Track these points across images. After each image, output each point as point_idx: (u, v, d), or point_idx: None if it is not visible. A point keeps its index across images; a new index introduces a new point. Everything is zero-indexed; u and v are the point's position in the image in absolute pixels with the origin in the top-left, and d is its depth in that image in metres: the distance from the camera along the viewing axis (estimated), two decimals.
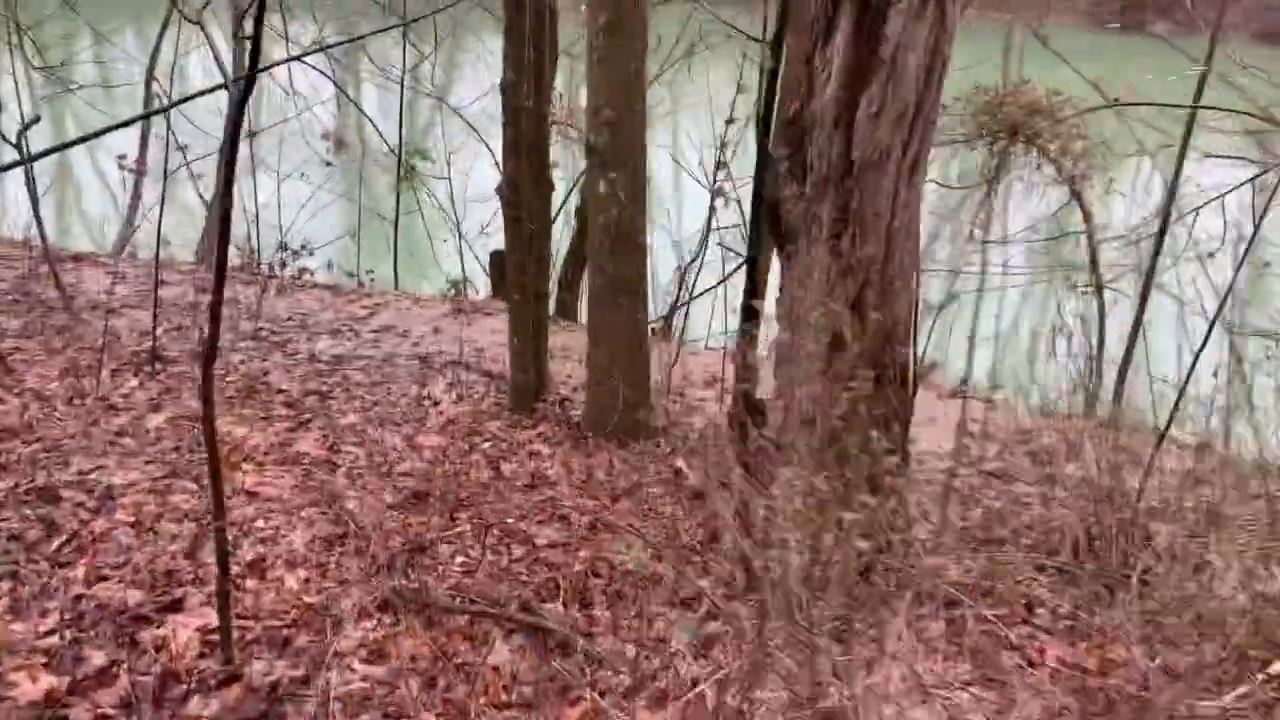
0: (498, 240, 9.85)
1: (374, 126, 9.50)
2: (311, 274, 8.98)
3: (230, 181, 2.53)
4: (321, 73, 8.62)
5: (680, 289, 8.09)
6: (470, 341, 7.15)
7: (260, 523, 4.15)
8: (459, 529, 4.26)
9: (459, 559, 4.02)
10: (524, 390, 5.78)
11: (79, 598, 3.49)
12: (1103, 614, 3.85)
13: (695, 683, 2.92)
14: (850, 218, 3.51)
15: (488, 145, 8.03)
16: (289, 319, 7.15)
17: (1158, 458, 5.78)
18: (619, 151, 5.08)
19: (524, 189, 5.63)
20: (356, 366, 6.34)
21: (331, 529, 4.13)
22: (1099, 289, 8.05)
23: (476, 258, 9.26)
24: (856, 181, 3.48)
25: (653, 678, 3.01)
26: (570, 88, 8.64)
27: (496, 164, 9.38)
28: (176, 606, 3.46)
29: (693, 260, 8.10)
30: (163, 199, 5.52)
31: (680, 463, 5.12)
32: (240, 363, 6.08)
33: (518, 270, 5.66)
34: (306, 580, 3.73)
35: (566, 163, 9.83)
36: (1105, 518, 5.03)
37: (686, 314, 6.84)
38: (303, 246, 9.14)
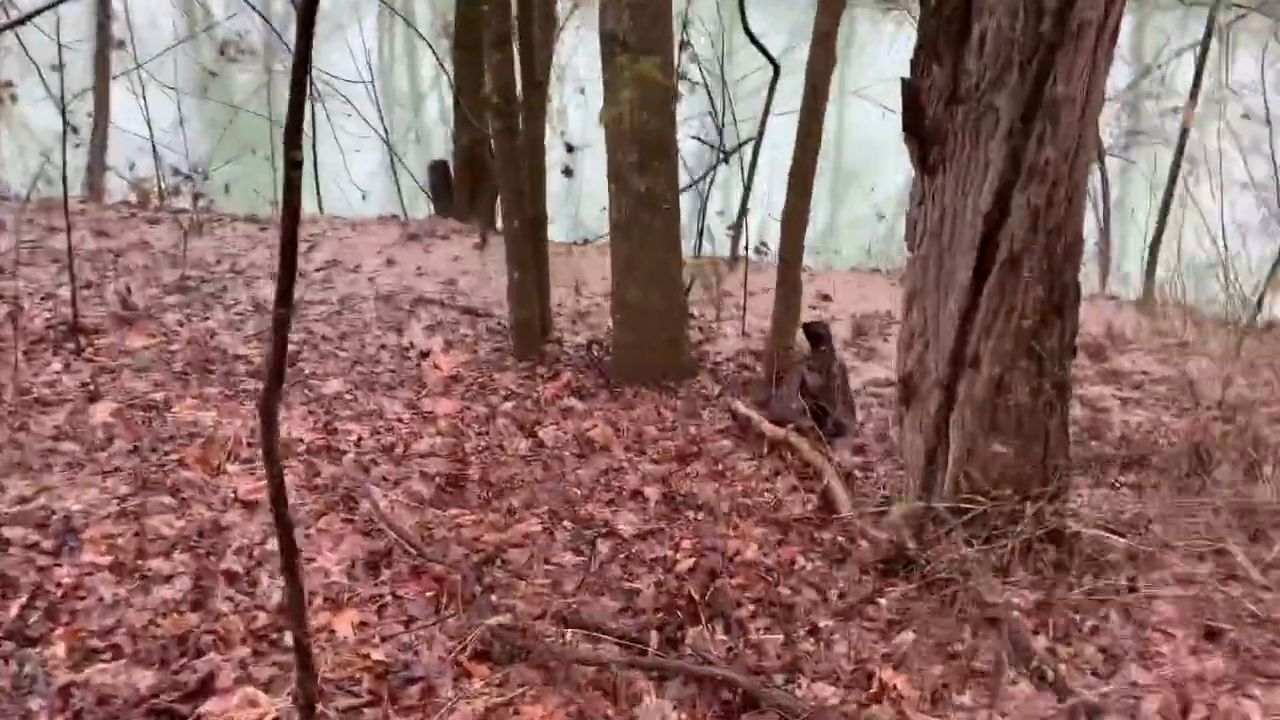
0: (431, 149, 8.81)
1: (274, 30, 8.23)
2: (212, 201, 7.81)
3: (299, 117, 1.62)
4: None
5: None
6: (434, 274, 6.21)
7: (272, 544, 3.26)
8: (523, 524, 3.45)
9: (539, 567, 3.22)
10: (527, 330, 4.92)
11: (68, 688, 2.58)
12: None
13: None
14: (1040, 108, 2.73)
15: (428, 42, 6.93)
16: (217, 262, 6.07)
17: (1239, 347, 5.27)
18: (644, 39, 4.18)
19: (512, 91, 4.69)
20: (315, 316, 5.36)
21: (366, 544, 3.28)
22: (1100, 157, 7.47)
23: (410, 172, 8.20)
24: (1047, 62, 2.70)
25: None
26: None
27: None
28: (206, 688, 2.58)
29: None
30: (64, 130, 4.39)
31: (740, 406, 4.38)
32: (178, 324, 5.04)
33: (513, 192, 4.74)
34: (362, 624, 2.88)
35: None
36: (1204, 420, 4.50)
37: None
38: (195, 169, 7.95)
